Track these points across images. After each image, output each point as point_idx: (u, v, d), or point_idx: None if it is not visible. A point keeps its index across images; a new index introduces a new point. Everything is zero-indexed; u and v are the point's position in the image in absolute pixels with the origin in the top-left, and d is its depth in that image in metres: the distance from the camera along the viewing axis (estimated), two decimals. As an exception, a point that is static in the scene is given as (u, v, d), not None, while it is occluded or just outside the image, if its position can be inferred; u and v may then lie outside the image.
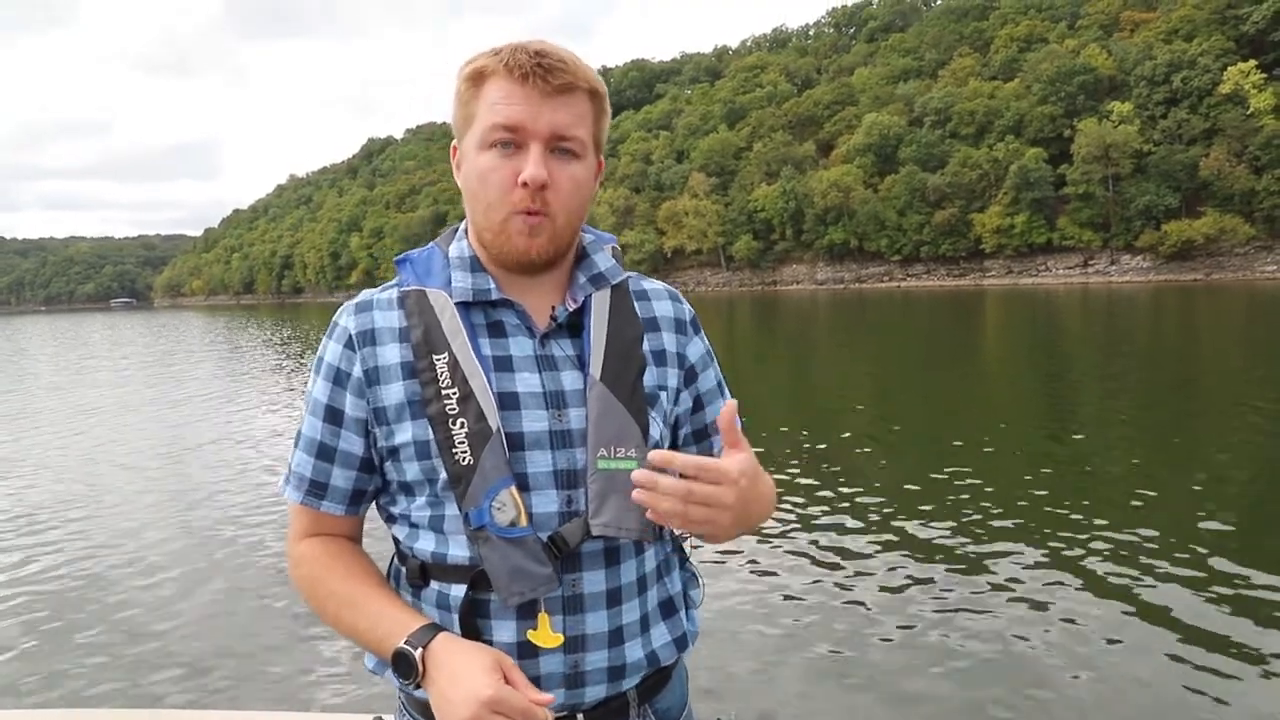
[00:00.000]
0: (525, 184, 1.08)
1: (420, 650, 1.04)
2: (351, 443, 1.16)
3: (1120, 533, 6.35)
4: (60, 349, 40.34)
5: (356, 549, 1.23)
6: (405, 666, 1.05)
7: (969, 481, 8.05)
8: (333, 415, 1.16)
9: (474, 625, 1.11)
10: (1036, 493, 7.61)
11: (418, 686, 1.06)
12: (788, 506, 7.39)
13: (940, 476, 8.26)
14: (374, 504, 1.24)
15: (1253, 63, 62.65)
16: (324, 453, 1.17)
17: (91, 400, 18.11)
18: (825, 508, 7.40)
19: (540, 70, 1.07)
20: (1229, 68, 63.43)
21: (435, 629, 1.08)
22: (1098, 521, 6.65)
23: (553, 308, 1.17)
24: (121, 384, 21.61)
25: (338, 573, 1.16)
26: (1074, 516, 6.80)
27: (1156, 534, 6.27)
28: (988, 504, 7.24)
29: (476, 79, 1.11)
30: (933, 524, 6.75)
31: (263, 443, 11.71)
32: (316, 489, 1.18)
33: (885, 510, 7.23)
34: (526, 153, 1.09)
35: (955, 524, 6.72)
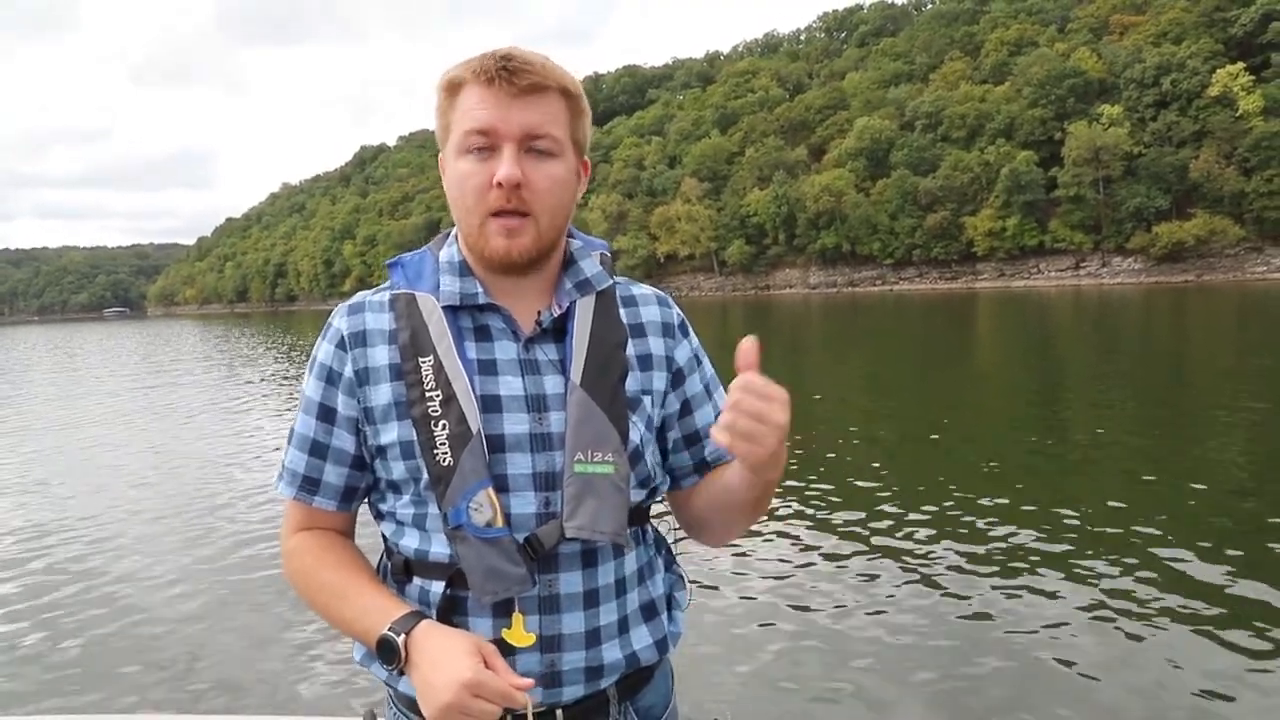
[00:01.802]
0: (500, 184, 1.10)
1: (403, 636, 1.07)
2: (343, 440, 1.19)
3: (1117, 533, 6.35)
4: (63, 359, 40.23)
5: (348, 543, 1.25)
6: (388, 653, 1.08)
7: (964, 484, 8.04)
8: (325, 413, 1.19)
9: (452, 622, 1.13)
10: (1032, 494, 7.61)
11: (401, 673, 1.09)
12: (781, 509, 7.39)
13: (935, 479, 8.26)
14: (364, 501, 1.27)
15: (1241, 65, 63.06)
16: (316, 450, 1.20)
17: (94, 408, 18.10)
18: (818, 510, 7.40)
19: (505, 73, 1.09)
20: (1218, 70, 63.83)
21: (418, 616, 1.10)
22: (1093, 521, 6.65)
23: (538, 313, 1.18)
24: (123, 392, 21.56)
25: (328, 565, 1.19)
26: (1070, 517, 6.79)
27: (1153, 533, 6.27)
28: (983, 506, 7.23)
29: (451, 89, 1.14)
30: (927, 525, 6.75)
31: (262, 446, 11.71)
32: (309, 485, 1.21)
33: (879, 512, 7.22)
34: (501, 155, 1.10)
35: (950, 526, 6.70)
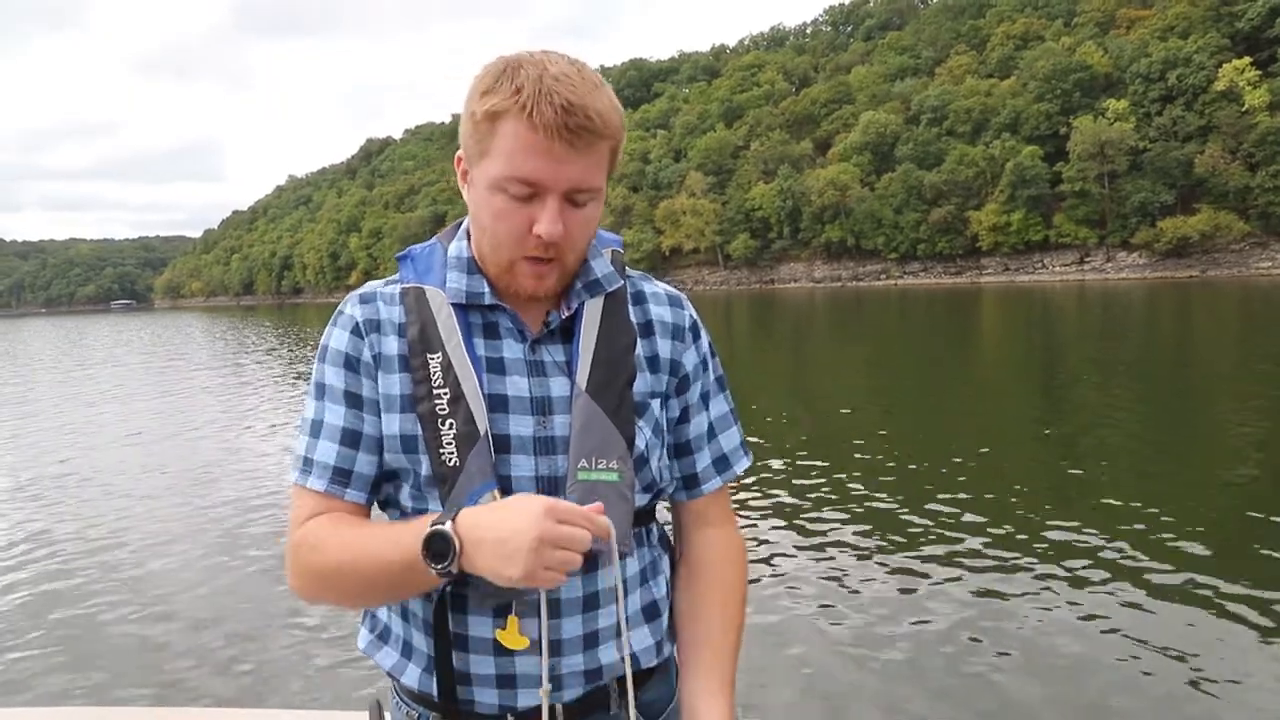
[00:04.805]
0: (540, 236, 1.06)
1: (449, 523, 1.01)
2: (373, 426, 1.15)
3: (1121, 526, 6.48)
4: (84, 352, 40.48)
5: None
6: (441, 544, 1.00)
7: (967, 478, 8.20)
8: (352, 400, 1.15)
9: (451, 617, 1.12)
10: (1035, 484, 7.79)
11: (459, 570, 1.01)
12: (785, 504, 7.53)
13: (942, 472, 8.42)
14: None
15: (1247, 59, 62.77)
16: (349, 439, 1.15)
17: (107, 398, 18.35)
18: (822, 504, 7.54)
19: (567, 132, 1.02)
20: (1224, 65, 63.53)
21: (455, 509, 1.05)
22: (1098, 512, 6.80)
23: (546, 313, 1.17)
24: (136, 382, 21.80)
25: (346, 523, 1.13)
26: (1073, 507, 6.96)
27: (1158, 524, 6.41)
28: (988, 500, 7.35)
29: (493, 117, 1.05)
30: (931, 518, 6.88)
31: (273, 440, 11.92)
32: (340, 477, 1.15)
33: (883, 505, 7.37)
34: (542, 202, 1.06)
35: (954, 519, 6.82)
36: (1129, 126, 65.74)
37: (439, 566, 1.01)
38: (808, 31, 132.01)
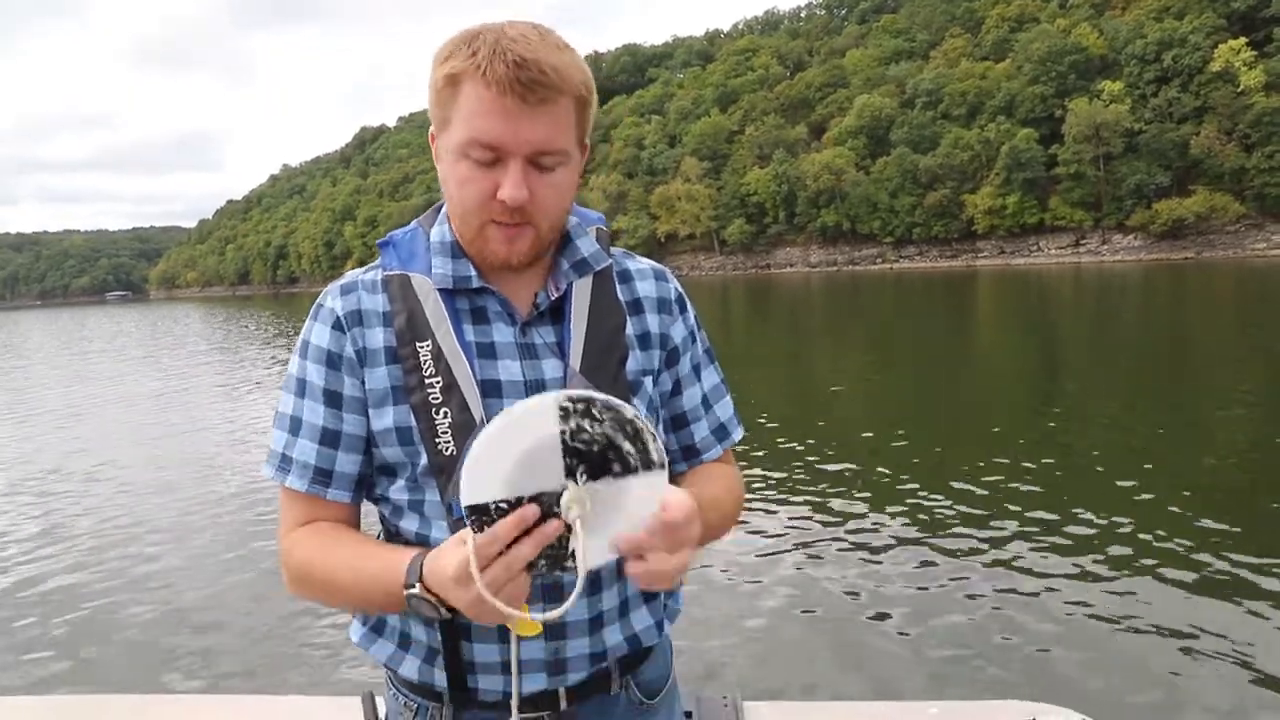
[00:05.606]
0: (504, 201, 1.05)
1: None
2: (354, 425, 1.14)
3: (1117, 500, 6.54)
4: (84, 344, 40.43)
5: (357, 531, 1.20)
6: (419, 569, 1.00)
7: (965, 458, 8.26)
8: (332, 399, 1.14)
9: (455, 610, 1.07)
10: (1032, 461, 7.84)
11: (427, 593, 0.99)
12: (782, 485, 7.60)
13: (936, 452, 8.49)
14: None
15: (1243, 40, 62.67)
16: (328, 438, 1.14)
17: (111, 391, 18.37)
18: (819, 486, 7.61)
19: (520, 86, 1.00)
20: (1219, 45, 63.41)
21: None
22: (1095, 487, 6.87)
23: (535, 295, 1.16)
24: (138, 375, 21.82)
25: (330, 543, 1.13)
26: (1071, 483, 7.03)
27: (1155, 508, 6.44)
28: (985, 477, 7.41)
29: (453, 81, 1.04)
30: (928, 500, 6.94)
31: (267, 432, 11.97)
32: (321, 476, 1.15)
33: (879, 486, 7.43)
34: (505, 166, 1.04)
35: (950, 501, 6.87)
36: (1124, 108, 65.67)
37: (413, 588, 0.99)
38: (802, 15, 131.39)
